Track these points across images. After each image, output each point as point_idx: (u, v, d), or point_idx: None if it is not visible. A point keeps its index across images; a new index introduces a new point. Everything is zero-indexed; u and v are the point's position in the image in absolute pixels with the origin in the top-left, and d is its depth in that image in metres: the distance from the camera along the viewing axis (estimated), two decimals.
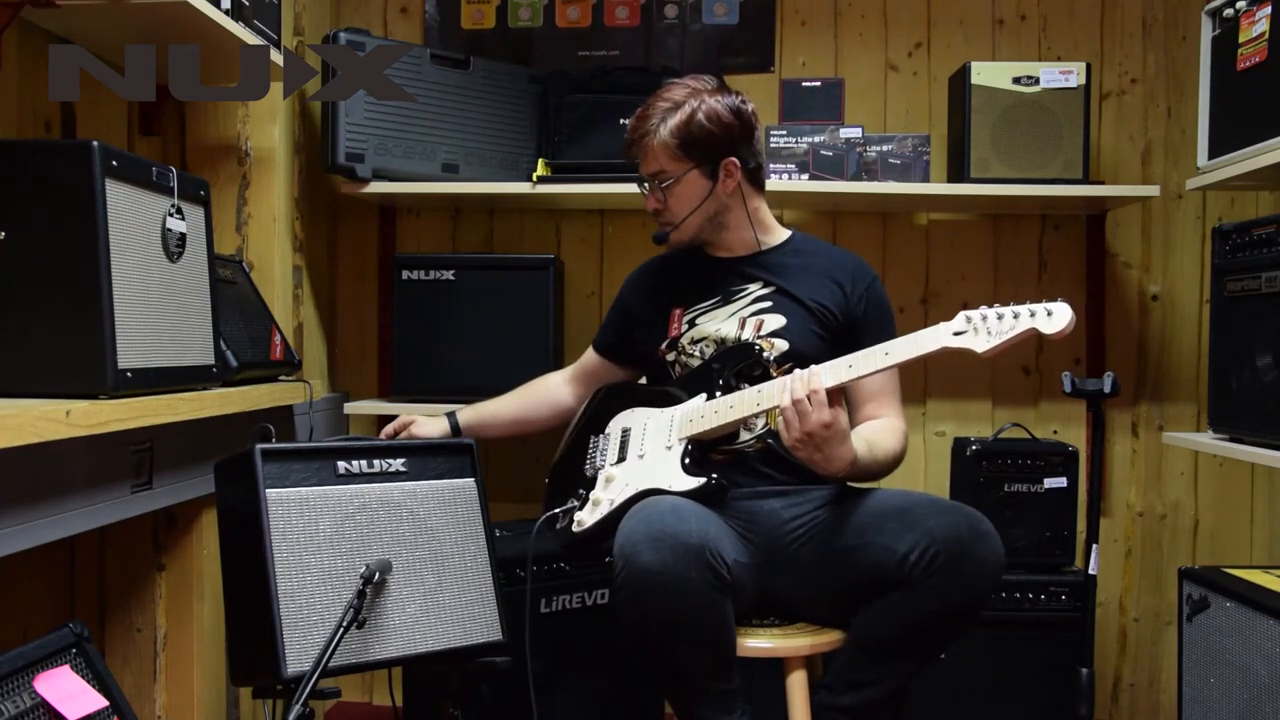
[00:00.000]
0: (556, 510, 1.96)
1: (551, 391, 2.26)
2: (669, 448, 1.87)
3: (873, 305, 1.99)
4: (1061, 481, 2.48)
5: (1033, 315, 1.54)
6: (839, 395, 1.70)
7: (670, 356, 2.00)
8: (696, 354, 1.98)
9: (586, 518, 1.88)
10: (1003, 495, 2.45)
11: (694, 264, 2.08)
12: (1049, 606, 2.40)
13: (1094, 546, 2.22)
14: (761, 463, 1.93)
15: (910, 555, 1.62)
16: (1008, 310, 1.56)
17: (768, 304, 1.97)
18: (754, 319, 1.95)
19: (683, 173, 1.95)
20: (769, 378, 1.84)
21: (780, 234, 2.07)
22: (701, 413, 1.86)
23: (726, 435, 1.89)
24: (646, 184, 2.00)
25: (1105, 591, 2.81)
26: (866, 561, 1.69)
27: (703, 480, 1.80)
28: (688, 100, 1.94)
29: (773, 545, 1.85)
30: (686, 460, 1.84)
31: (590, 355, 2.23)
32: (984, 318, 1.58)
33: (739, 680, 1.72)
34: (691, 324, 1.99)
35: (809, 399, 1.64)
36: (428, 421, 2.20)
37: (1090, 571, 2.23)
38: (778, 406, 1.71)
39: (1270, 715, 1.83)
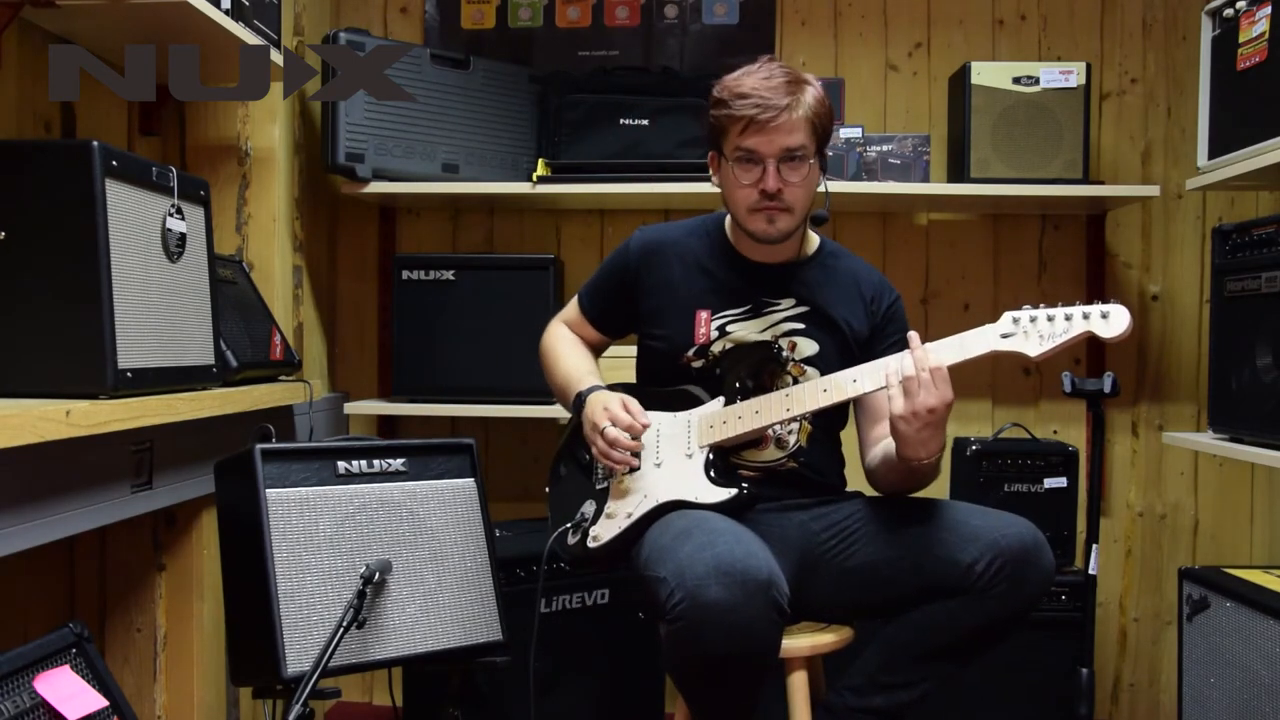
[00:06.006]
0: (567, 526, 1.84)
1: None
2: (689, 455, 1.78)
3: (893, 320, 1.91)
4: (1061, 481, 2.48)
5: (1086, 318, 1.54)
6: None
7: (698, 365, 1.85)
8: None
9: (603, 532, 1.79)
10: (1003, 495, 2.45)
11: (720, 260, 1.90)
12: (1049, 606, 2.40)
13: (1094, 546, 2.21)
14: (788, 483, 1.84)
15: (976, 566, 1.61)
16: (1059, 312, 1.56)
17: (800, 325, 1.85)
18: (786, 339, 1.84)
19: (812, 154, 1.77)
20: (786, 381, 1.79)
21: (813, 241, 1.94)
22: (723, 418, 1.77)
23: (750, 444, 1.82)
24: (771, 162, 1.74)
25: (1105, 591, 2.80)
26: (929, 571, 1.66)
27: (733, 491, 1.72)
28: (805, 77, 1.76)
29: (806, 557, 1.77)
30: (711, 470, 1.76)
31: (581, 323, 2.02)
32: (1033, 319, 1.58)
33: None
34: (723, 331, 1.85)
35: (932, 374, 1.57)
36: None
37: (1090, 571, 2.22)
38: (808, 412, 1.68)
39: (1270, 715, 1.83)
